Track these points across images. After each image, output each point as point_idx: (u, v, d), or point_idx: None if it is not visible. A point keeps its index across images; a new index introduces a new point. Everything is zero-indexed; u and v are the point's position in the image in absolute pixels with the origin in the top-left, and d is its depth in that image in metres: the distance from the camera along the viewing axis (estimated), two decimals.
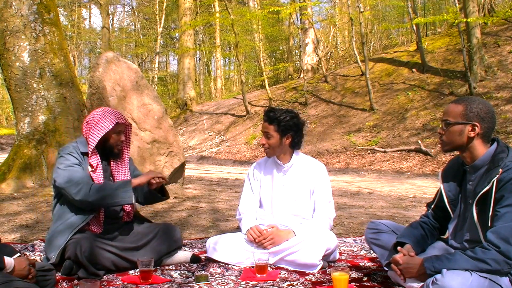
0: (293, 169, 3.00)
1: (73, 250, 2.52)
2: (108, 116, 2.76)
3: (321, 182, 2.97)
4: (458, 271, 1.93)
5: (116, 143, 2.80)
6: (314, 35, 19.22)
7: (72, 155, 2.72)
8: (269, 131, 2.89)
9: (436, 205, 2.39)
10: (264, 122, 2.94)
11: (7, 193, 5.52)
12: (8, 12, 6.10)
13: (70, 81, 6.33)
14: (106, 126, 2.72)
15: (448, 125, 2.16)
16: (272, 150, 2.93)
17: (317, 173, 2.98)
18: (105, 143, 2.78)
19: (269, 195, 3.03)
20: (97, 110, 2.84)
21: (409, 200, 6.07)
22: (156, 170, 5.38)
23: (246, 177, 3.19)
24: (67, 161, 2.69)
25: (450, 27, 16.56)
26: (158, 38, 26.73)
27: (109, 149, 2.80)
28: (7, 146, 17.97)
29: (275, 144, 2.90)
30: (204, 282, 2.49)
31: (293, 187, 2.97)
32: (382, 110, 13.50)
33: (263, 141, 2.92)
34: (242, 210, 3.07)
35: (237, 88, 27.97)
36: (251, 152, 14.36)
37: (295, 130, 2.91)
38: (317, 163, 3.05)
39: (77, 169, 2.67)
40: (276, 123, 2.87)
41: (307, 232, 2.82)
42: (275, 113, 2.89)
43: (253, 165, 3.18)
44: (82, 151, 2.76)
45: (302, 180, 2.98)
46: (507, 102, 11.20)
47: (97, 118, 2.76)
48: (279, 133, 2.88)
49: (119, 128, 2.79)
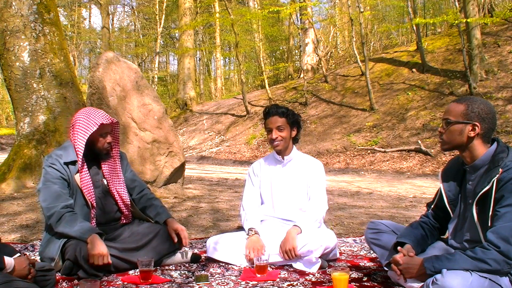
0: (292, 162, 3.11)
1: (73, 252, 2.52)
2: (91, 118, 2.67)
3: (316, 176, 3.07)
4: (458, 271, 1.93)
5: (104, 146, 2.75)
6: (314, 35, 19.22)
7: (53, 167, 2.65)
8: (281, 124, 3.00)
9: (436, 205, 2.39)
10: (272, 117, 3.01)
11: (7, 193, 5.52)
12: (8, 12, 6.09)
13: (70, 81, 6.33)
14: (90, 129, 2.65)
15: (448, 124, 2.16)
16: (285, 142, 3.02)
17: (313, 168, 3.09)
18: (93, 146, 2.72)
19: (269, 187, 3.12)
20: (80, 112, 2.76)
21: (409, 200, 6.07)
22: (156, 170, 5.38)
23: (246, 176, 3.27)
24: (47, 175, 2.64)
25: (450, 27, 16.55)
26: (158, 38, 26.73)
27: (97, 152, 2.76)
28: (7, 146, 17.97)
29: (287, 136, 3.02)
30: (204, 282, 2.48)
31: (292, 178, 3.07)
32: (382, 110, 13.50)
33: (275, 135, 2.99)
34: (246, 206, 3.13)
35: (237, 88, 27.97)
36: (251, 152, 14.36)
37: (299, 123, 3.09)
38: (314, 160, 3.18)
39: (54, 188, 2.60)
40: (286, 116, 3.01)
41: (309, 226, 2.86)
42: (281, 108, 3.04)
43: (253, 164, 3.29)
44: (66, 160, 2.67)
45: (300, 173, 3.08)
46: (507, 102, 11.20)
47: (80, 121, 2.68)
48: (290, 125, 3.03)
49: (104, 130, 2.71)
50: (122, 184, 2.89)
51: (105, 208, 2.81)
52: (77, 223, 2.55)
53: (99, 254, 2.45)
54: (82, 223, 2.56)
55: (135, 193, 2.97)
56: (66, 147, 2.73)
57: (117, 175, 2.87)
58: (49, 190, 2.61)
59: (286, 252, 2.79)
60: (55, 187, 2.62)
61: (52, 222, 2.58)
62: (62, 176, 2.66)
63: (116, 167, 2.89)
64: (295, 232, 2.82)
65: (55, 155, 2.69)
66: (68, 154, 2.70)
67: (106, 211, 2.82)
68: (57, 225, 2.56)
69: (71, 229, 2.53)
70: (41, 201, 2.63)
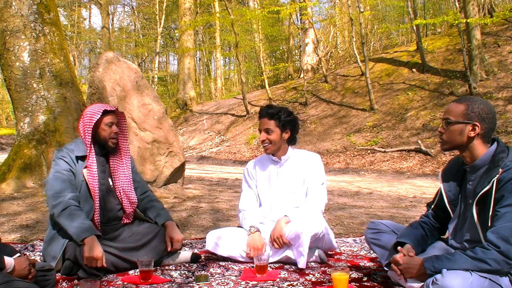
0: (289, 162, 3.08)
1: (73, 252, 2.52)
2: (96, 108, 2.77)
3: (313, 169, 3.04)
4: (458, 271, 1.93)
5: (109, 136, 2.77)
6: (314, 35, 19.22)
7: (64, 159, 2.69)
8: (270, 126, 2.96)
9: (436, 205, 2.39)
10: (262, 119, 2.99)
11: (7, 193, 5.52)
12: (8, 12, 6.09)
13: (70, 81, 6.33)
14: (95, 117, 2.72)
15: (448, 124, 2.16)
16: (273, 146, 2.99)
17: (310, 162, 3.06)
18: (98, 137, 2.76)
19: (267, 189, 3.09)
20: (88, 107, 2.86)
21: (409, 200, 6.07)
22: (156, 170, 5.38)
23: (242, 178, 3.24)
24: (57, 166, 2.68)
25: (450, 27, 16.55)
26: (158, 38, 26.74)
27: (103, 142, 2.78)
28: (7, 146, 17.98)
29: (276, 139, 2.97)
30: (204, 282, 2.49)
31: (289, 178, 3.04)
32: (382, 110, 13.50)
33: (264, 137, 2.97)
34: (242, 207, 3.11)
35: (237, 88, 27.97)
36: (251, 152, 14.36)
37: (293, 125, 3.02)
38: (311, 154, 3.14)
39: (64, 178, 2.64)
40: (276, 118, 2.95)
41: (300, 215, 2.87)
42: (273, 109, 2.98)
43: (248, 164, 3.24)
44: (77, 154, 2.72)
45: (297, 171, 3.05)
46: (507, 102, 11.20)
47: (87, 112, 2.77)
48: (280, 128, 2.96)
49: (109, 119, 2.77)
50: (129, 182, 2.89)
51: (106, 206, 2.80)
52: (78, 219, 2.55)
53: (93, 257, 2.46)
54: (83, 221, 2.56)
55: (137, 194, 2.97)
56: (77, 143, 2.78)
57: (123, 172, 2.88)
58: (58, 181, 2.64)
59: (274, 240, 2.82)
60: (64, 178, 2.65)
61: (56, 211, 2.57)
62: (71, 169, 2.69)
63: (124, 164, 2.89)
64: (284, 221, 2.86)
65: (66, 149, 2.75)
66: (79, 149, 2.75)
67: (108, 209, 2.81)
68: (60, 215, 2.56)
69: (70, 223, 2.53)
70: (47, 191, 2.64)
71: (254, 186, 3.14)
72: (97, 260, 2.47)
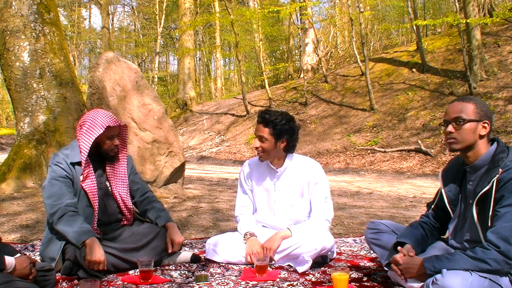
0: (286, 174, 2.90)
1: (73, 252, 2.52)
2: (98, 120, 2.65)
3: (315, 181, 2.87)
4: (458, 271, 1.93)
5: (110, 148, 2.73)
6: (314, 35, 19.22)
7: (60, 166, 2.66)
8: (263, 134, 2.77)
9: (436, 205, 2.39)
10: (258, 124, 2.81)
11: (7, 193, 5.52)
12: (8, 12, 6.09)
13: (70, 81, 6.33)
14: (97, 131, 2.63)
15: (460, 122, 2.11)
16: (266, 154, 2.81)
17: (311, 173, 2.88)
18: (99, 148, 2.71)
19: (265, 202, 2.97)
20: (89, 113, 2.75)
21: (409, 200, 6.07)
22: (156, 170, 5.38)
23: (238, 180, 3.13)
24: (53, 173, 2.65)
25: (450, 27, 16.55)
26: (158, 38, 26.74)
27: (104, 154, 2.75)
28: (7, 146, 17.97)
29: (269, 148, 2.78)
30: (204, 282, 2.48)
31: (287, 193, 2.91)
32: (382, 110, 13.50)
33: (257, 145, 2.79)
34: (237, 213, 3.06)
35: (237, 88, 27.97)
36: (251, 152, 14.35)
37: (290, 134, 2.80)
38: (311, 163, 2.93)
39: (60, 184, 2.62)
40: (271, 126, 2.75)
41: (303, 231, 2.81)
42: (270, 115, 2.77)
43: (245, 165, 3.08)
44: (72, 161, 2.67)
45: (295, 184, 2.89)
46: (507, 102, 11.20)
47: (88, 122, 2.67)
48: (274, 137, 2.76)
49: (111, 133, 2.70)
50: (126, 188, 2.88)
51: (107, 210, 2.80)
52: (77, 224, 2.54)
53: (95, 261, 2.46)
54: (82, 225, 2.55)
55: (137, 195, 2.96)
56: (74, 147, 2.73)
57: (121, 178, 2.86)
58: (54, 188, 2.62)
59: (264, 248, 2.76)
60: (60, 185, 2.63)
61: (54, 218, 2.57)
62: (68, 175, 2.66)
63: (121, 170, 2.87)
64: (282, 235, 2.78)
65: (62, 154, 2.70)
66: (75, 154, 2.70)
67: (108, 213, 2.81)
68: (58, 222, 2.56)
69: (70, 229, 2.53)
70: (45, 198, 2.64)
71: (249, 190, 3.04)
72: (99, 263, 2.47)
